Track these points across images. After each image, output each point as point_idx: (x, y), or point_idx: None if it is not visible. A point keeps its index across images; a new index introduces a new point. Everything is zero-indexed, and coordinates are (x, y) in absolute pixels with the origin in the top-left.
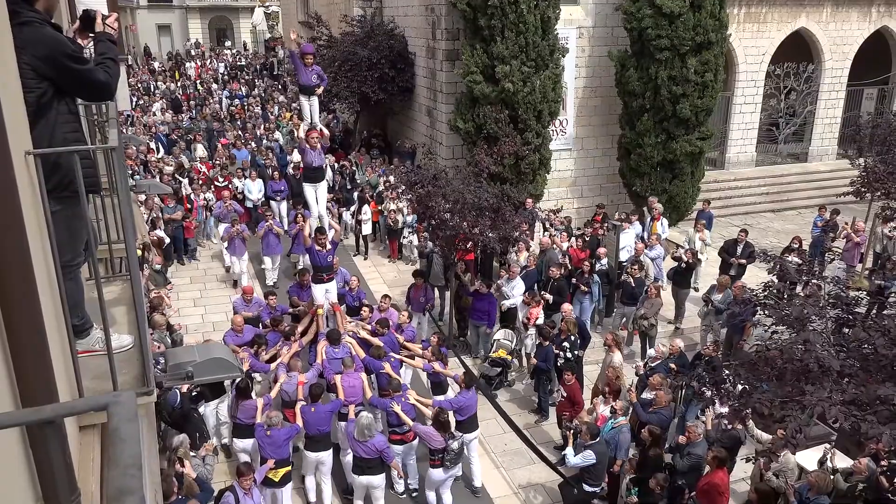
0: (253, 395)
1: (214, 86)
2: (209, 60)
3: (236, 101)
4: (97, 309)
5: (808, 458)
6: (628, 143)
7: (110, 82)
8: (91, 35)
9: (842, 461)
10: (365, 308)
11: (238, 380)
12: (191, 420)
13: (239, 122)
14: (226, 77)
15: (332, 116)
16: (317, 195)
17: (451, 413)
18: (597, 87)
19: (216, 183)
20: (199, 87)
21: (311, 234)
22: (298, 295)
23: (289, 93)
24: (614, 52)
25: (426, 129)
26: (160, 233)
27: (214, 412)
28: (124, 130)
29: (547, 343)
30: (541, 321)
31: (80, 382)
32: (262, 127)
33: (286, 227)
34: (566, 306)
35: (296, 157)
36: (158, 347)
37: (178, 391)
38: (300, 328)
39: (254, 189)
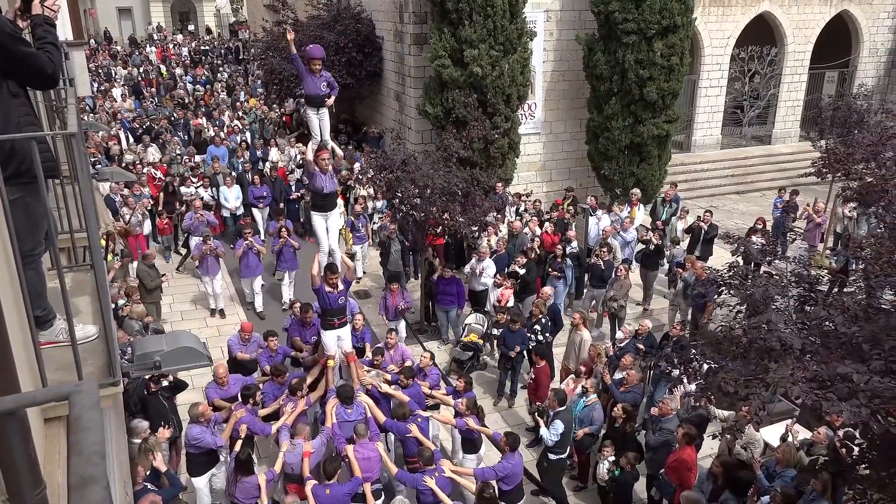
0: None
1: (178, 70)
2: (174, 46)
3: (199, 87)
4: (61, 299)
5: (773, 434)
6: (596, 127)
7: (55, 71)
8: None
9: (804, 435)
10: (378, 356)
11: (238, 450)
12: (153, 406)
13: (203, 109)
14: (187, 62)
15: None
16: (328, 226)
17: (495, 483)
18: (565, 70)
19: (191, 182)
20: (161, 72)
21: (321, 272)
22: (301, 335)
23: (252, 79)
24: (582, 36)
25: (395, 114)
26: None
27: (207, 484)
28: (85, 117)
29: (518, 327)
30: (511, 304)
31: (44, 374)
32: (227, 115)
33: (263, 238)
34: (546, 289)
35: (273, 155)
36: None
37: (143, 377)
38: (308, 380)
39: (231, 196)
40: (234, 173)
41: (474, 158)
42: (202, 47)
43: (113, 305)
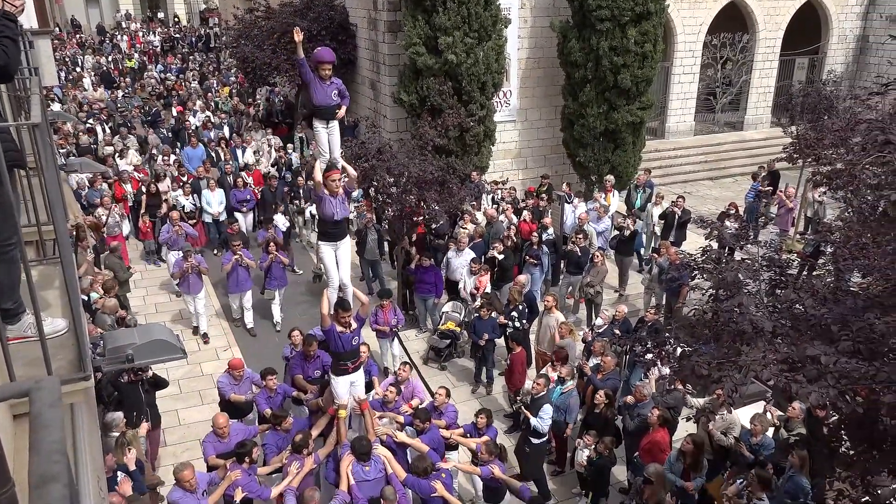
0: None
1: (143, 58)
2: (142, 35)
3: (171, 76)
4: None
5: (746, 415)
6: (571, 114)
7: (8, 64)
8: None
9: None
10: (391, 388)
11: None
12: (128, 395)
13: (176, 99)
14: (157, 50)
15: (272, 91)
16: (338, 256)
17: None
18: (539, 58)
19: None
20: (129, 61)
21: (331, 310)
22: (303, 370)
23: (224, 67)
24: (556, 23)
25: (370, 102)
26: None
27: None
28: (56, 106)
29: (487, 314)
30: (488, 290)
31: (12, 369)
32: (199, 104)
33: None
34: (521, 277)
35: (248, 156)
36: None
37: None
38: (314, 432)
39: (213, 201)
40: (220, 169)
41: (450, 146)
42: (175, 35)
43: (85, 298)
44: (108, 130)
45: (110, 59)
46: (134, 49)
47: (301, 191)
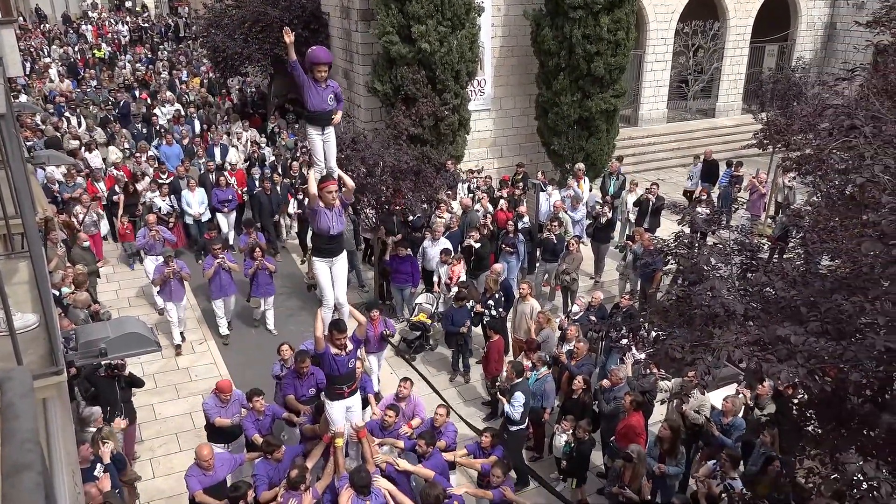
0: None
1: (110, 48)
2: (109, 24)
3: (140, 67)
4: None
5: (719, 398)
6: (545, 102)
7: None
8: None
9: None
10: (389, 412)
11: None
12: (104, 390)
13: (144, 91)
14: (126, 40)
15: (246, 80)
16: (333, 274)
17: None
18: (513, 46)
19: (159, 179)
20: (97, 51)
21: (325, 331)
22: (295, 389)
23: (196, 56)
24: (529, 11)
25: (343, 92)
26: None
27: None
28: (23, 99)
29: (462, 304)
30: (463, 279)
31: None
32: (168, 94)
33: (232, 241)
34: (497, 266)
35: (231, 156)
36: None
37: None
38: (309, 463)
39: (194, 202)
40: (199, 167)
41: (424, 136)
42: (143, 24)
43: (56, 293)
44: (75, 123)
45: (76, 49)
46: (101, 39)
47: (278, 188)
